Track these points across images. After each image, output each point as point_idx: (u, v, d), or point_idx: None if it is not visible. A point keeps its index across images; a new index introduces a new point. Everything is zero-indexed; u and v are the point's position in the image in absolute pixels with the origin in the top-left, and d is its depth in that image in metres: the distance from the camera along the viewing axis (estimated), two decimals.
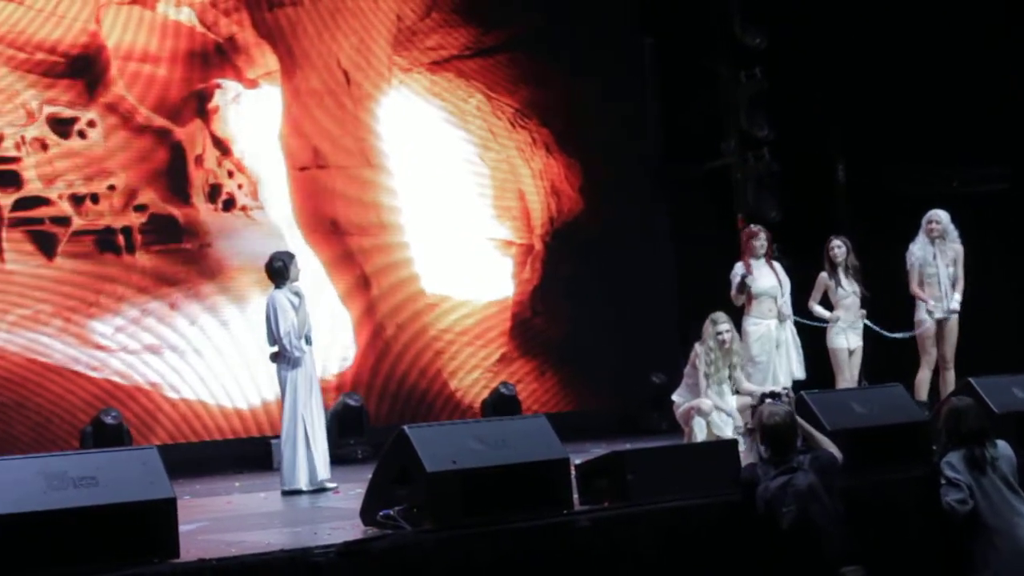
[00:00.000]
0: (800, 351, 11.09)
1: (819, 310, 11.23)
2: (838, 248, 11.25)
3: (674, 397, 10.59)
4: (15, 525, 5.77)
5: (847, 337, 11.18)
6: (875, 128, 14.77)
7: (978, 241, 11.76)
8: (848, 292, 11.20)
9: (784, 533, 6.92)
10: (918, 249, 11.28)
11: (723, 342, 10.26)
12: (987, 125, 14.46)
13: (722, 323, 10.31)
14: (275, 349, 9.88)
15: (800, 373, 11.04)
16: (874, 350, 11.39)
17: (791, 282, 11.27)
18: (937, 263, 11.20)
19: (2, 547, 5.73)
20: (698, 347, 10.37)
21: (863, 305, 11.31)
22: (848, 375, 11.15)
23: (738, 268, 11.11)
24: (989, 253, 13.56)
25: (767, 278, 11.02)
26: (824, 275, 11.25)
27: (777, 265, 11.20)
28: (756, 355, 10.88)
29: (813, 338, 11.43)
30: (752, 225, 11.48)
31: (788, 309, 11.07)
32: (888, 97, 14.62)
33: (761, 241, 11.10)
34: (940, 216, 11.27)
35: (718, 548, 7.25)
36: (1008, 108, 14.57)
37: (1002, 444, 7.52)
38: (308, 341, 9.89)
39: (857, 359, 11.24)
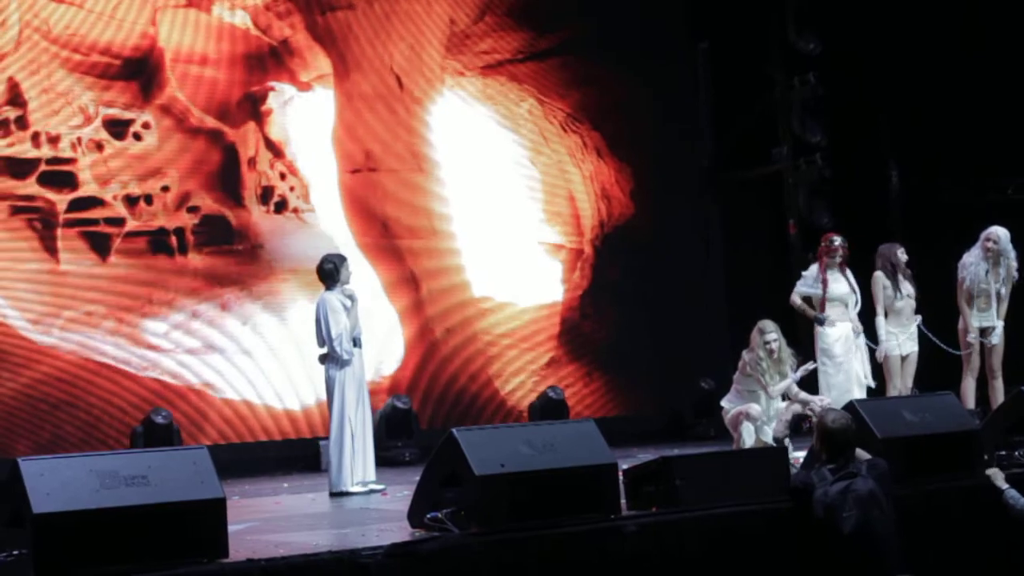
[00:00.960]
0: (868, 361, 11.02)
1: (880, 326, 11.11)
2: (903, 254, 11.17)
3: (723, 403, 10.56)
4: (67, 523, 5.82)
5: (900, 343, 11.10)
6: (929, 135, 14.66)
7: None
8: (904, 295, 11.12)
9: (844, 539, 6.88)
10: (972, 263, 11.19)
11: (771, 351, 10.22)
12: None
13: (769, 332, 10.26)
14: (324, 351, 9.91)
15: (871, 382, 10.99)
16: (921, 357, 11.28)
17: None
18: (989, 280, 11.13)
19: (54, 545, 5.78)
20: (746, 355, 10.33)
21: (917, 311, 11.22)
22: (899, 383, 11.07)
23: (812, 271, 11.09)
24: None
25: (840, 285, 10.99)
26: (880, 274, 11.15)
27: (850, 274, 11.13)
28: (837, 355, 10.83)
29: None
30: (833, 235, 11.38)
31: (858, 320, 11.01)
32: (942, 104, 14.50)
33: (840, 254, 11.05)
34: (999, 235, 11.17)
35: (766, 555, 7.22)
36: None
37: None
38: (357, 344, 9.91)
39: (912, 366, 11.16)
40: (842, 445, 7.08)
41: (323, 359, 9.96)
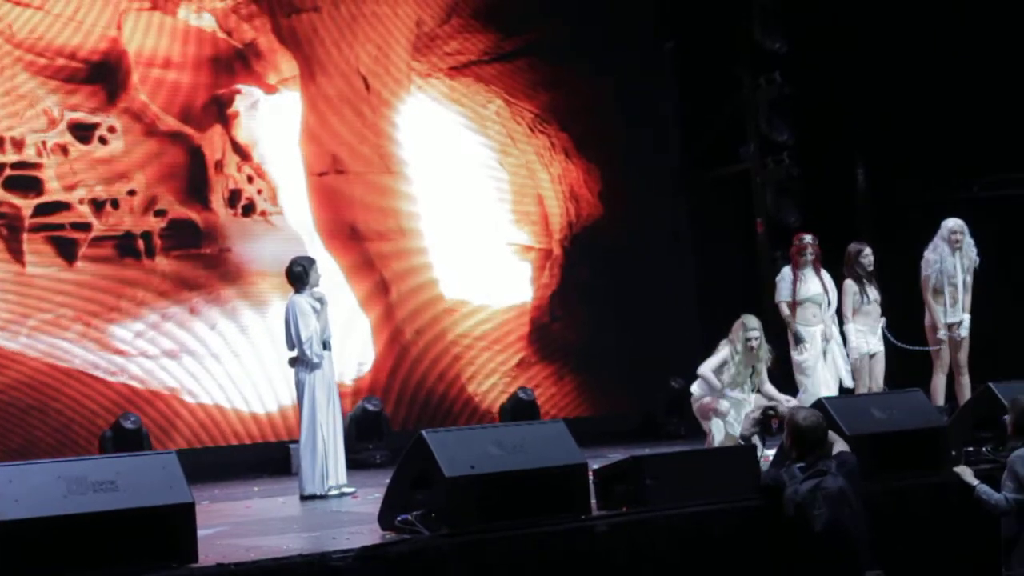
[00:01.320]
0: (847, 359, 11.05)
1: (850, 331, 11.16)
2: (870, 256, 11.21)
3: (693, 388, 10.57)
4: (35, 529, 5.80)
5: (867, 341, 11.15)
6: (895, 134, 14.73)
7: (998, 246, 11.72)
8: (871, 299, 11.18)
9: (815, 536, 6.91)
10: (936, 259, 11.25)
11: (751, 348, 10.26)
12: (1009, 131, 14.39)
13: (752, 328, 10.30)
14: (294, 354, 9.89)
15: (848, 381, 11.04)
16: (889, 356, 11.34)
17: None
18: (957, 272, 11.20)
19: (22, 551, 5.76)
20: (724, 345, 10.36)
21: (883, 312, 11.29)
22: (867, 380, 11.13)
23: (785, 273, 11.18)
24: (1009, 257, 13.53)
25: (814, 285, 11.03)
26: (850, 282, 11.21)
27: (825, 274, 11.17)
28: (802, 360, 10.87)
29: None
30: (803, 236, 11.42)
31: (833, 321, 11.04)
32: (908, 102, 14.57)
33: (810, 252, 11.10)
34: (962, 226, 11.27)
35: (737, 553, 7.25)
36: None
37: None
38: (327, 347, 9.89)
39: (880, 365, 11.22)
40: (812, 443, 7.12)
41: (293, 362, 9.93)
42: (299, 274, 9.96)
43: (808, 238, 11.23)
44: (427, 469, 6.82)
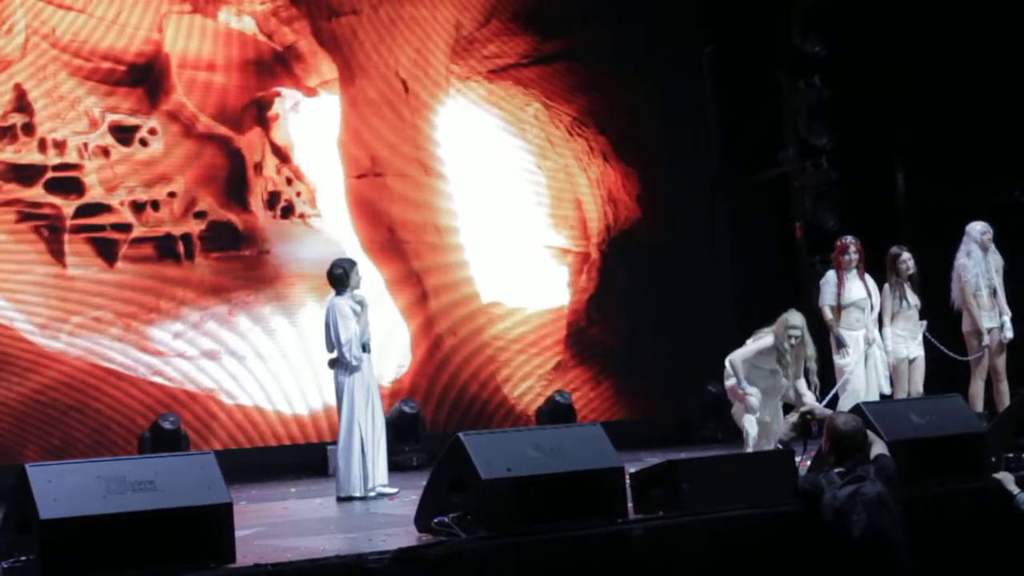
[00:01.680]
0: (887, 365, 10.97)
1: (887, 335, 11.08)
2: (910, 260, 11.14)
3: (730, 361, 10.43)
4: (74, 528, 5.83)
5: (907, 347, 11.08)
6: (935, 137, 14.64)
7: None
8: (911, 304, 11.11)
9: (854, 542, 6.88)
10: (973, 264, 11.18)
11: (792, 345, 10.19)
12: None
13: (794, 325, 10.19)
14: (334, 356, 9.91)
15: (887, 387, 10.94)
16: (928, 361, 11.26)
17: None
18: (991, 274, 11.14)
19: (61, 550, 5.79)
20: (766, 333, 10.27)
21: (922, 316, 11.22)
22: (906, 386, 11.06)
23: (830, 277, 11.07)
24: None
25: (857, 289, 10.95)
26: (889, 286, 11.16)
27: (869, 278, 11.09)
28: (844, 364, 10.82)
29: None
30: (845, 237, 11.35)
31: (875, 326, 10.96)
32: (948, 106, 14.48)
33: (851, 254, 11.00)
34: (989, 227, 11.22)
35: (774, 558, 7.22)
36: None
37: None
38: (366, 349, 9.91)
39: (919, 370, 11.13)
40: (852, 448, 7.08)
41: (332, 364, 9.95)
42: (340, 276, 9.98)
43: (850, 239, 11.15)
44: (463, 471, 6.82)
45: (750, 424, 10.19)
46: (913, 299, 11.13)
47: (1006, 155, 14.34)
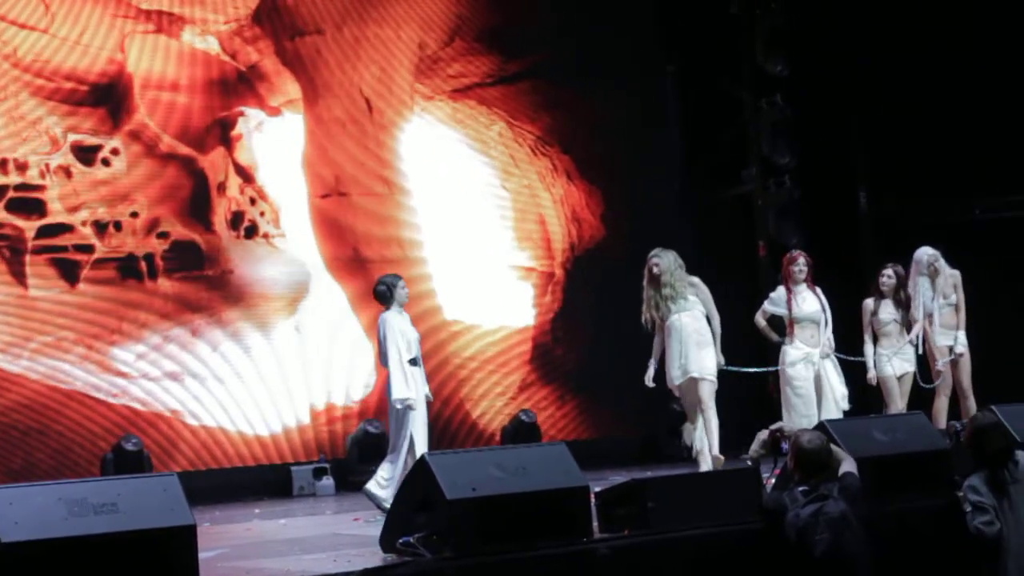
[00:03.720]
0: (844, 383, 10.93)
1: (868, 353, 11.10)
2: (888, 278, 11.15)
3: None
4: (36, 552, 5.78)
5: (892, 364, 11.08)
6: (896, 156, 14.75)
7: (999, 267, 11.70)
8: (889, 319, 11.11)
9: (817, 561, 6.88)
10: (925, 290, 11.20)
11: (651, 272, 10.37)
12: (1010, 152, 14.41)
13: (652, 255, 10.53)
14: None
15: (844, 404, 10.85)
16: None
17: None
18: (947, 293, 11.15)
19: (22, 574, 5.74)
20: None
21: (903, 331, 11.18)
22: (900, 403, 11.00)
23: (780, 291, 11.06)
24: (1012, 279, 13.52)
25: (810, 303, 10.90)
26: (869, 302, 11.17)
27: (819, 291, 11.05)
28: (795, 379, 10.77)
29: (854, 369, 11.29)
30: (793, 251, 11.40)
31: (830, 341, 10.92)
32: (909, 125, 14.59)
33: (799, 266, 10.94)
34: (934, 254, 11.18)
35: None
36: None
37: (1023, 460, 7.41)
38: (415, 363, 9.93)
39: (907, 386, 11.13)
40: (816, 467, 7.09)
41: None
42: (382, 292, 10.14)
43: (799, 252, 11.19)
44: (429, 491, 6.81)
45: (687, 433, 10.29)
46: (893, 316, 11.11)
47: (966, 173, 14.45)
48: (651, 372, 10.57)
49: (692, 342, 10.39)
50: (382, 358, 10.01)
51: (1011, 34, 14.38)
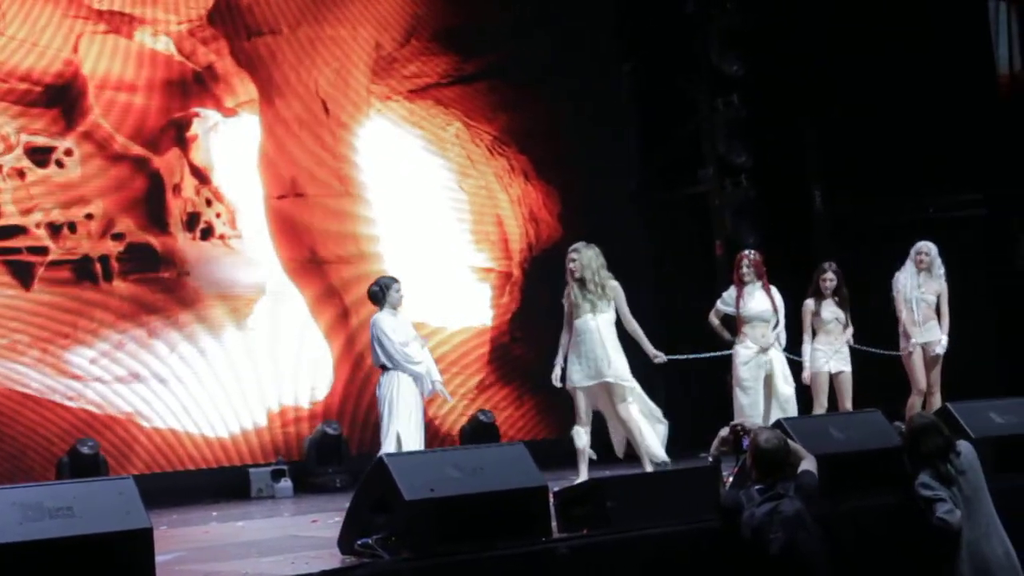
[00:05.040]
0: (791, 384, 10.94)
1: (805, 351, 11.17)
2: (830, 280, 11.22)
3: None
4: None
5: (829, 362, 11.16)
6: (851, 155, 14.84)
7: (954, 266, 11.81)
8: (831, 318, 11.19)
9: (772, 560, 6.91)
10: (904, 278, 11.34)
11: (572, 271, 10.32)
12: (962, 152, 14.53)
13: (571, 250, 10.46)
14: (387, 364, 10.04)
15: (790, 407, 10.76)
16: (861, 376, 11.37)
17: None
18: (922, 293, 11.29)
19: None
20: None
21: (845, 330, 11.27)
22: (825, 400, 11.12)
23: (731, 290, 11.08)
24: (966, 278, 13.61)
25: (759, 302, 10.92)
26: (809, 302, 11.26)
27: (774, 290, 11.08)
28: (744, 379, 10.81)
29: (797, 368, 11.35)
30: (743, 251, 11.46)
31: (781, 338, 10.95)
32: (863, 125, 14.70)
33: (744, 268, 10.99)
34: (929, 248, 11.36)
35: (700, 575, 7.25)
36: (982, 135, 14.65)
37: (966, 451, 7.43)
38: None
39: (846, 386, 11.19)
40: (772, 465, 7.10)
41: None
42: (375, 293, 10.30)
43: (747, 252, 11.25)
44: (387, 492, 6.81)
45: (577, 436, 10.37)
46: (835, 314, 11.20)
47: (919, 173, 14.57)
48: (558, 372, 10.51)
49: (609, 345, 10.32)
50: (374, 359, 10.10)
51: (966, 35, 14.51)
